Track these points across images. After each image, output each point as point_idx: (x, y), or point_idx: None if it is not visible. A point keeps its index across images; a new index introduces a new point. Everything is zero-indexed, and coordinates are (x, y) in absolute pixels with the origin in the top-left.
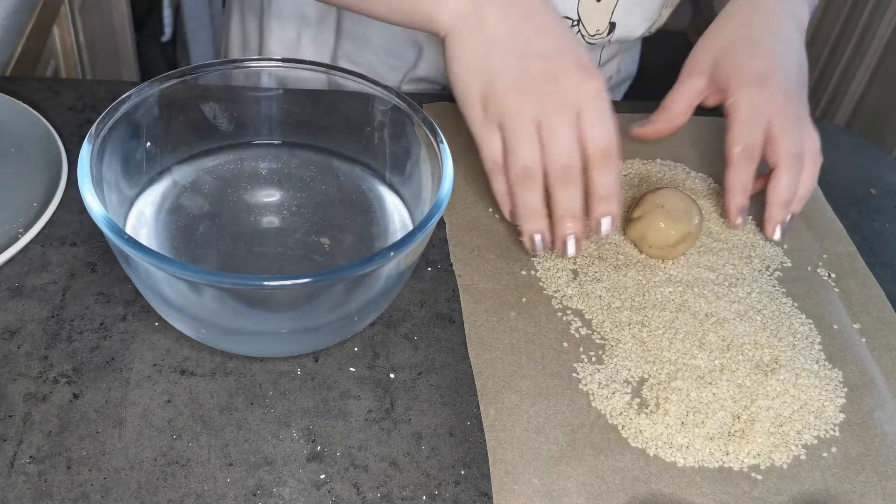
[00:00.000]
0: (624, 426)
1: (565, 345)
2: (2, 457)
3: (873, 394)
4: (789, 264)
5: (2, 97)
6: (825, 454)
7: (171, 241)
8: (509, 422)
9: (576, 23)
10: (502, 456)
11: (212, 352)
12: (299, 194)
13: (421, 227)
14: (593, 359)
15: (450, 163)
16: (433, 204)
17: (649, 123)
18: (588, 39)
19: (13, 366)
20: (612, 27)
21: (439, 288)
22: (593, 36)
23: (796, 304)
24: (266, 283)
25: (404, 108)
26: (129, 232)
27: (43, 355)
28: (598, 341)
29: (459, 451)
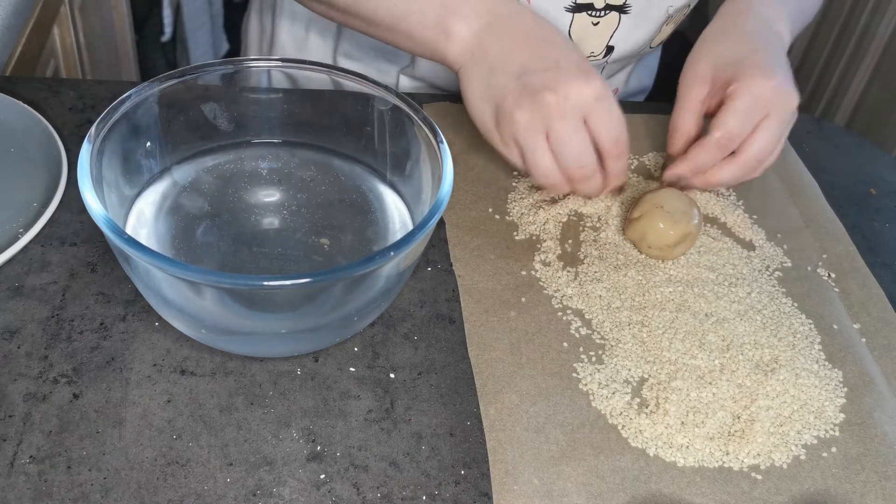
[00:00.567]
0: (624, 426)
1: (565, 345)
2: (2, 457)
3: (873, 394)
4: (789, 264)
5: (2, 97)
6: (825, 454)
7: (172, 241)
8: (509, 422)
9: None
10: (502, 456)
11: (212, 352)
12: (299, 194)
13: (421, 227)
14: (593, 359)
15: (450, 163)
16: (433, 204)
17: (673, 166)
18: None
19: (13, 366)
20: (610, 50)
21: (439, 288)
22: (587, 58)
23: (796, 304)
24: (266, 283)
25: (404, 108)
26: (129, 232)
27: (43, 355)
28: (598, 341)
29: (459, 451)
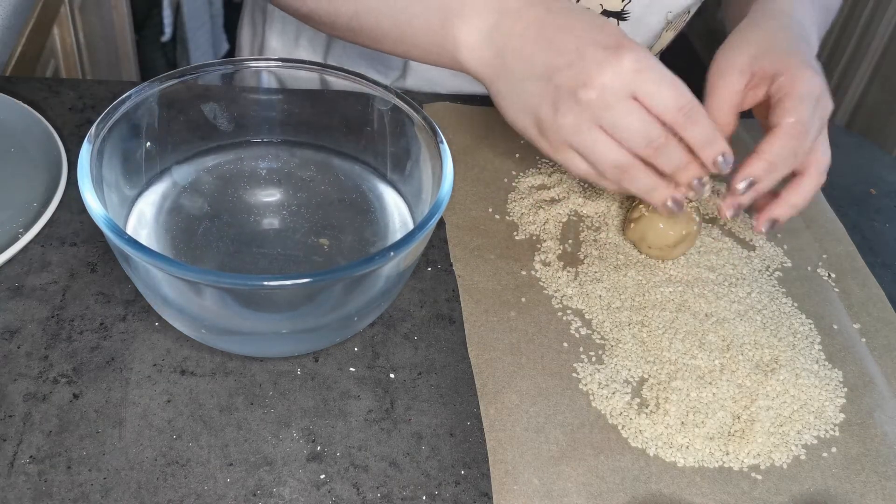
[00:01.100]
0: (624, 426)
1: (565, 345)
2: (2, 457)
3: (873, 394)
4: (789, 264)
5: (2, 97)
6: (825, 454)
7: (172, 241)
8: (509, 422)
9: None
10: (502, 456)
11: (212, 352)
12: (299, 194)
13: (421, 227)
14: (593, 359)
15: (450, 163)
16: (433, 204)
17: (742, 167)
18: None
19: (13, 366)
20: None
21: (439, 288)
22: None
23: (796, 304)
24: (266, 283)
25: (404, 108)
26: (129, 233)
27: (43, 355)
28: (598, 341)
29: (459, 451)
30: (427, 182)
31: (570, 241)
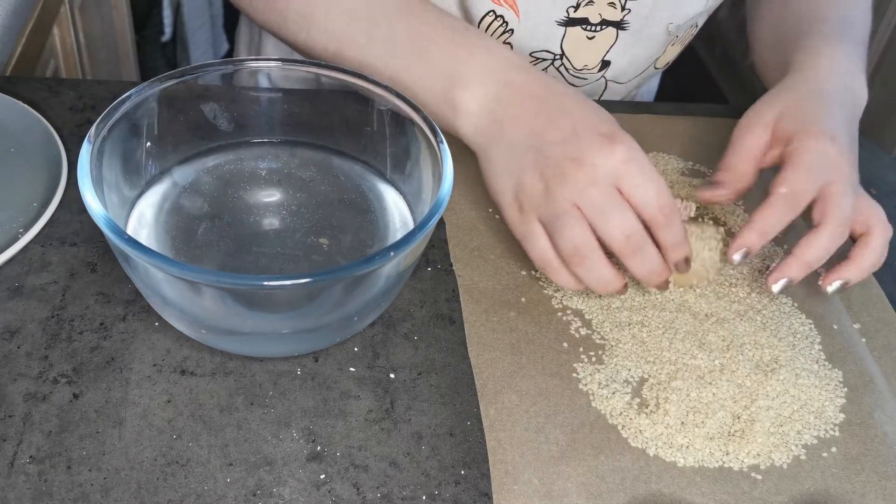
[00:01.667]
0: (624, 426)
1: (565, 345)
2: (2, 457)
3: (873, 394)
4: None
5: (2, 97)
6: (825, 454)
7: (172, 241)
8: (509, 422)
9: (559, 56)
10: (502, 456)
11: (212, 352)
12: (299, 194)
13: (421, 227)
14: (593, 359)
15: (450, 163)
16: (433, 204)
17: (714, 187)
18: (573, 73)
19: (13, 366)
20: (606, 64)
21: (439, 288)
22: (580, 70)
23: (796, 304)
24: (266, 283)
25: (404, 108)
26: (129, 233)
27: (43, 355)
28: (598, 341)
29: (459, 451)
30: (427, 182)
31: None
